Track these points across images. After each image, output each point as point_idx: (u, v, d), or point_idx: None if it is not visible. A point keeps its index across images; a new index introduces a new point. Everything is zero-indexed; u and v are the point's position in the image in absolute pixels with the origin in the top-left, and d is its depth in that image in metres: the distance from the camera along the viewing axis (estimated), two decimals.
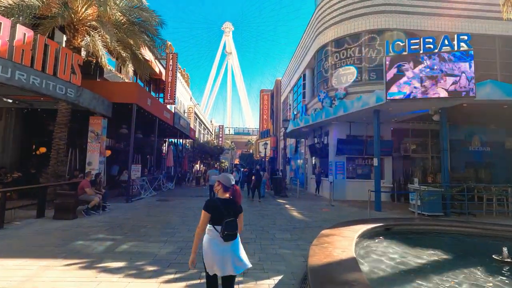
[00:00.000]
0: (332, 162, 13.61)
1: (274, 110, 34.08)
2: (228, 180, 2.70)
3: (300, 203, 11.84)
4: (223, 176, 2.76)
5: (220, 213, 2.53)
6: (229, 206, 2.60)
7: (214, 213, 2.53)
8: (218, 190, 2.72)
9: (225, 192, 2.68)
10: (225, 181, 2.69)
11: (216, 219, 2.53)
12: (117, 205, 9.79)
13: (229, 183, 2.69)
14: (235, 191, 2.76)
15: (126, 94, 10.74)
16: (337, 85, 15.06)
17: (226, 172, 15.31)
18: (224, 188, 2.68)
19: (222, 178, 2.73)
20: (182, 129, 19.07)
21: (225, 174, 2.80)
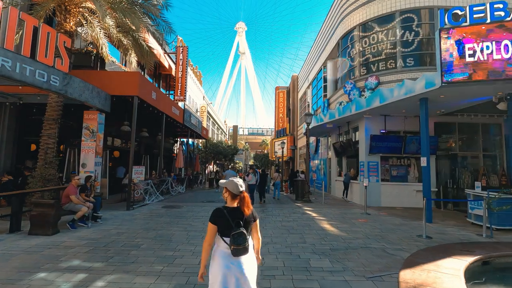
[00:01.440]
0: (363, 163, 11.73)
1: (290, 108, 32.29)
2: (236, 186, 2.32)
3: (328, 210, 10.05)
4: (230, 182, 2.36)
5: (227, 224, 2.22)
6: (237, 215, 2.26)
7: (221, 224, 2.24)
8: (226, 197, 2.38)
9: (234, 200, 2.33)
10: (232, 188, 2.32)
11: (225, 230, 2.23)
12: (114, 214, 8.38)
13: (237, 190, 2.32)
14: (243, 198, 2.32)
15: (125, 85, 9.36)
16: (366, 74, 13.17)
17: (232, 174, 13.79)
18: (232, 196, 2.34)
19: (229, 184, 2.35)
20: (193, 127, 17.66)
21: (233, 180, 2.38)
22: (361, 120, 12.02)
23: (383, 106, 9.97)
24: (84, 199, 6.89)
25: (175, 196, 13.65)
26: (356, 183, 12.57)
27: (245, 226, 2.25)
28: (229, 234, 2.17)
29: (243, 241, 2.17)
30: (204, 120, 31.70)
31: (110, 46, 11.63)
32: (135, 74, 9.61)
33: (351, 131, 13.52)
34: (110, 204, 10.19)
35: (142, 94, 9.68)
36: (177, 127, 17.96)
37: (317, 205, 11.46)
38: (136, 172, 10.22)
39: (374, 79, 12.36)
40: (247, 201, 2.33)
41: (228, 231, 2.19)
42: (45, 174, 7.70)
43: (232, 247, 2.15)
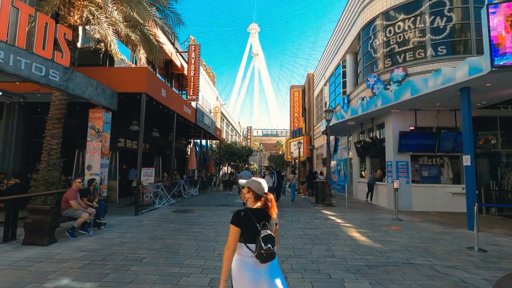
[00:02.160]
0: (391, 162, 10.64)
1: (306, 107, 31.26)
2: (260, 186, 2.08)
3: (354, 215, 9.07)
4: (253, 182, 2.11)
5: (253, 227, 1.95)
6: (263, 217, 2.00)
7: (246, 227, 1.95)
8: (248, 198, 2.11)
9: (257, 201, 2.08)
10: (257, 188, 2.08)
11: (248, 235, 1.96)
12: (121, 219, 7.78)
13: (262, 191, 2.07)
14: (269, 200, 2.05)
15: (132, 81, 8.79)
16: (391, 66, 12.08)
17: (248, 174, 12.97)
18: (255, 196, 2.09)
19: (253, 184, 2.10)
20: (206, 127, 17.05)
21: (256, 179, 2.14)
22: (388, 116, 10.93)
23: (415, 98, 8.89)
24: (86, 204, 6.30)
25: (187, 199, 13.02)
26: (382, 185, 11.48)
27: (270, 228, 2.00)
28: (254, 239, 1.94)
29: (273, 245, 1.92)
30: (218, 121, 31.18)
31: (119, 44, 11.20)
32: (142, 70, 9.03)
33: (375, 128, 12.43)
34: (120, 208, 9.65)
35: (151, 91, 9.09)
36: (190, 127, 17.44)
37: (340, 209, 10.47)
38: (145, 174, 9.64)
39: (401, 70, 11.27)
40: (274, 203, 2.09)
41: (254, 236, 1.95)
42: (47, 177, 7.20)
43: (260, 251, 1.89)
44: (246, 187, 2.15)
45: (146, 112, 10.73)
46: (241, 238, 1.98)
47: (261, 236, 1.91)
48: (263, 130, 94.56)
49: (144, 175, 9.57)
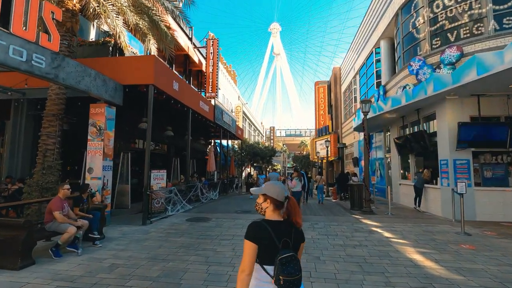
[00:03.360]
0: (446, 161, 8.73)
1: (332, 104, 29.27)
2: (279, 190, 1.68)
3: (403, 226, 7.34)
4: (270, 186, 1.70)
5: (271, 244, 1.55)
6: (284, 232, 1.59)
7: (262, 245, 1.55)
8: (266, 208, 1.69)
9: (276, 211, 1.67)
10: (276, 193, 1.66)
11: (266, 254, 1.56)
12: (124, 230, 6.68)
13: (282, 196, 1.67)
14: (291, 206, 1.65)
15: (138, 72, 7.71)
16: (441, 46, 10.14)
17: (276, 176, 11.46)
18: (275, 205, 1.67)
19: (270, 190, 1.68)
20: (226, 126, 15.87)
21: (272, 183, 1.72)
22: (441, 105, 9.02)
23: (482, 80, 6.99)
24: (78, 216, 5.23)
25: (205, 204, 11.84)
26: (433, 189, 9.56)
27: (294, 246, 1.59)
28: (272, 260, 1.52)
29: (297, 270, 1.49)
30: (240, 120, 30.06)
31: (130, 36, 10.30)
32: (149, 58, 7.94)
33: (423, 121, 10.49)
34: (129, 215, 8.64)
35: (160, 83, 7.98)
36: (209, 126, 16.36)
37: (383, 217, 8.74)
38: (156, 177, 8.53)
39: (454, 50, 9.32)
40: (298, 209, 1.66)
41: (273, 256, 1.52)
42: (42, 182, 6.26)
43: (278, 277, 1.46)
44: (261, 195, 1.72)
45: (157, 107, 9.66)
46: (257, 258, 1.57)
47: (279, 257, 1.49)
48: (286, 130, 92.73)
49: (154, 179, 8.48)
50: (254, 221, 1.65)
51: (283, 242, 1.57)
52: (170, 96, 8.73)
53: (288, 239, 1.59)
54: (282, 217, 1.68)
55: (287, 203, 1.68)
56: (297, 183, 7.90)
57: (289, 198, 1.71)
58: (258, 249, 1.57)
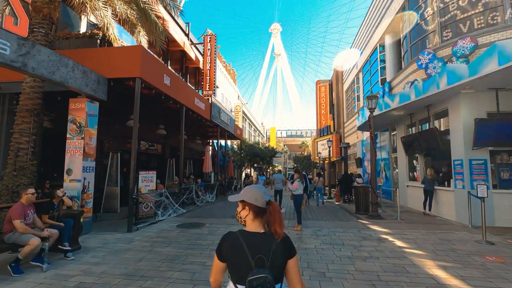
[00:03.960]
0: (460, 161, 8.01)
1: (334, 103, 28.59)
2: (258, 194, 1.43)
3: (416, 233, 6.63)
4: (248, 191, 1.46)
5: (243, 262, 1.33)
6: (262, 247, 1.34)
7: (232, 262, 1.36)
8: (245, 217, 1.45)
9: (257, 219, 1.43)
10: (255, 198, 1.43)
11: (237, 273, 1.35)
12: (106, 238, 5.99)
13: (262, 201, 1.42)
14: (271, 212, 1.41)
15: (123, 64, 7.04)
16: (452, 37, 9.45)
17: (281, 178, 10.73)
18: (255, 212, 1.43)
19: (247, 195, 1.45)
20: (223, 125, 15.19)
21: (251, 187, 1.48)
22: (455, 100, 8.31)
23: (504, 70, 6.30)
24: (46, 224, 4.55)
25: (201, 207, 11.15)
26: (445, 191, 8.85)
27: (273, 264, 1.31)
28: (244, 280, 1.27)
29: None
30: (240, 120, 29.39)
31: (120, 29, 9.65)
32: (136, 49, 7.26)
33: (433, 118, 9.79)
34: (116, 220, 7.97)
35: (148, 76, 7.30)
36: (207, 126, 15.71)
37: (392, 223, 8.03)
38: (144, 179, 7.85)
39: (468, 41, 8.62)
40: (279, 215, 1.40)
41: (245, 274, 1.28)
42: (12, 185, 5.58)
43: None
44: (239, 202, 1.48)
45: (147, 104, 9.03)
46: (230, 275, 1.39)
47: (249, 278, 1.24)
48: (287, 131, 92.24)
49: (142, 181, 7.79)
50: (229, 232, 1.44)
51: (257, 260, 1.31)
52: (160, 91, 8.05)
53: (264, 255, 1.31)
54: (263, 227, 1.43)
55: (269, 209, 1.42)
56: (299, 185, 7.20)
57: (270, 203, 1.44)
58: (228, 266, 1.39)
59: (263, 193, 1.45)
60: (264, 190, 1.49)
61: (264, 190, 1.49)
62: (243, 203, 1.46)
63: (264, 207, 1.42)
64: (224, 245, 1.40)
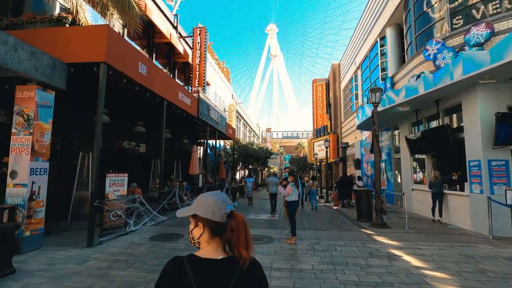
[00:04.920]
0: (479, 162, 7.02)
1: (331, 103, 27.68)
2: (215, 204, 1.02)
3: (431, 247, 5.61)
4: (200, 202, 1.05)
5: None
6: (217, 280, 0.94)
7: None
8: (199, 236, 1.03)
9: (215, 239, 1.02)
10: (208, 211, 1.02)
11: None
12: (55, 256, 4.85)
13: (220, 214, 1.01)
14: (235, 227, 1.00)
15: (85, 46, 5.93)
16: (463, 25, 8.52)
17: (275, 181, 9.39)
18: (211, 230, 1.02)
19: (200, 207, 1.03)
20: (213, 123, 14.11)
21: (208, 194, 1.07)
22: (470, 93, 7.33)
23: None
24: None
25: None
26: (458, 196, 7.86)
27: None
28: None
29: None
30: (233, 120, 28.31)
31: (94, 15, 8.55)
32: (100, 29, 6.13)
33: (443, 114, 8.81)
34: (80, 231, 6.81)
35: (117, 62, 6.20)
36: (196, 124, 14.62)
37: (400, 232, 7.00)
38: (112, 183, 6.71)
39: (484, 28, 7.67)
40: (245, 232, 1.01)
41: None
42: None
43: None
44: (191, 217, 1.06)
45: (124, 97, 7.94)
46: None
47: None
48: (283, 132, 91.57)
49: (110, 184, 6.66)
50: (174, 258, 0.98)
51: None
52: (133, 81, 6.95)
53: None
54: (224, 250, 1.02)
55: (230, 225, 0.99)
56: (293, 190, 6.14)
57: (232, 216, 1.01)
58: None
59: (221, 202, 1.02)
60: (223, 198, 1.05)
61: (224, 198, 1.05)
62: (195, 219, 1.03)
63: (224, 221, 1.00)
64: (165, 279, 0.93)
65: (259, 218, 9.14)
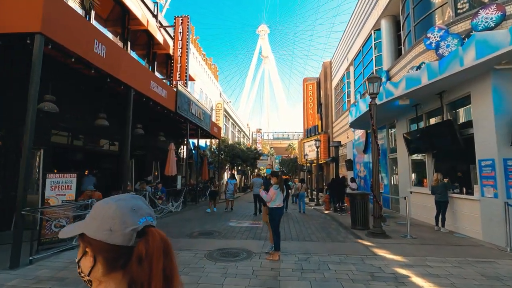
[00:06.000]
0: (492, 162, 6.07)
1: (322, 102, 26.85)
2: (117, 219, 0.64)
3: (444, 265, 4.59)
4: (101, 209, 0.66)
5: None
6: None
7: None
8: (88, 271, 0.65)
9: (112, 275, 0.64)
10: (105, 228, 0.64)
11: None
12: None
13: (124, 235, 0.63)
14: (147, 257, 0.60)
15: (15, 13, 4.68)
16: (469, 9, 7.65)
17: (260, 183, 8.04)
18: (106, 261, 0.64)
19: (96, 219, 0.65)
20: (194, 119, 12.92)
21: (105, 203, 0.67)
22: (481, 82, 6.40)
23: None
24: None
25: (157, 220, 8.79)
26: (466, 200, 6.91)
27: None
28: None
29: None
30: (221, 119, 27.10)
31: None
32: None
33: (447, 108, 7.89)
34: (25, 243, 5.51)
35: (57, 33, 4.96)
36: (177, 121, 13.42)
37: (403, 243, 5.98)
38: (55, 185, 5.45)
39: (494, 10, 6.78)
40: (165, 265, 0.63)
41: None
42: None
43: None
44: (79, 239, 0.68)
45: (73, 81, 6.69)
46: None
47: None
48: (273, 133, 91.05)
49: (52, 187, 5.40)
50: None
51: None
52: (85, 60, 5.71)
53: None
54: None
55: (138, 255, 0.62)
56: (277, 194, 5.04)
57: (146, 235, 0.65)
58: None
59: (128, 212, 0.66)
60: (133, 205, 0.69)
61: (134, 205, 0.69)
62: (84, 242, 0.67)
63: (129, 244, 0.64)
64: None
65: (240, 226, 7.99)
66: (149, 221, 0.68)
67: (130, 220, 0.65)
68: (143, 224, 0.66)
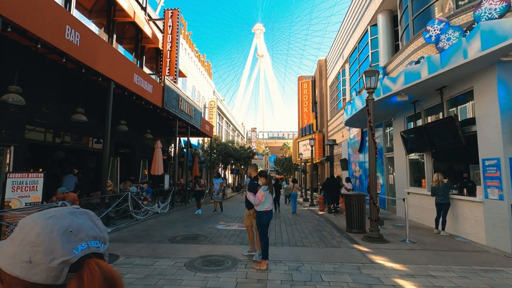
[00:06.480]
0: (497, 161, 5.66)
1: (317, 101, 26.47)
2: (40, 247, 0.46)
3: (448, 274, 4.16)
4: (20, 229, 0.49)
5: None
6: None
7: None
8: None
9: None
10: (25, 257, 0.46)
11: None
12: None
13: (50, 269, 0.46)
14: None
15: None
16: (471, 1, 7.26)
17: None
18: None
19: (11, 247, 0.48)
20: (183, 116, 12.37)
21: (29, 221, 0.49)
22: (485, 75, 6.00)
23: None
24: None
25: (141, 221, 8.23)
26: (468, 202, 6.51)
27: None
28: None
29: None
30: (214, 117, 26.55)
31: None
32: None
33: (446, 106, 7.49)
34: None
35: (15, 12, 4.39)
36: (166, 118, 12.91)
37: (401, 248, 5.55)
38: (18, 186, 4.88)
39: (498, 1, 6.42)
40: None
41: None
42: None
43: None
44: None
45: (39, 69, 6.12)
46: None
47: None
48: (268, 132, 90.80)
49: (15, 189, 4.83)
50: None
51: None
52: (53, 46, 5.14)
53: None
54: None
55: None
56: (266, 196, 4.55)
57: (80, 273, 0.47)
58: None
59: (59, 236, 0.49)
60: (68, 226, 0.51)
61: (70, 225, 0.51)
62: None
63: (57, 283, 0.47)
64: None
65: (228, 229, 7.49)
66: (92, 247, 0.51)
67: (60, 249, 0.48)
68: (80, 253, 0.49)
